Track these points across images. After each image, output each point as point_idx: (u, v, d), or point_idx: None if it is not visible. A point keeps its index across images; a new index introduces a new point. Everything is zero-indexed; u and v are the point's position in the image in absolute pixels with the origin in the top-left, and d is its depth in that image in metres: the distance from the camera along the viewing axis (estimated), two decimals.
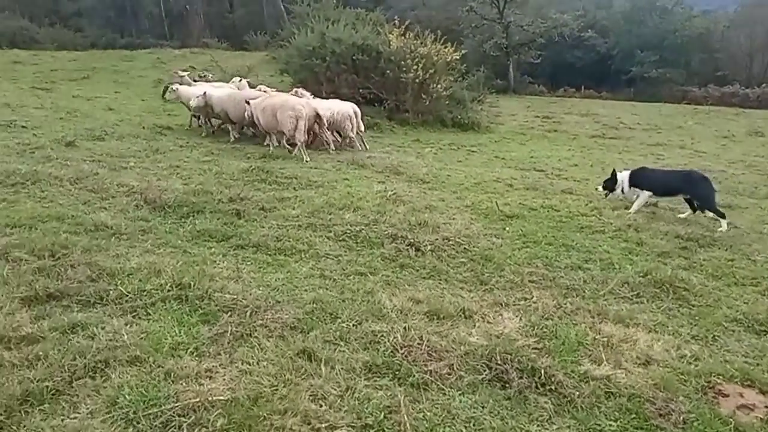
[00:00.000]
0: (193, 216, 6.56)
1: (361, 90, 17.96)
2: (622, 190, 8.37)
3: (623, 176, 8.36)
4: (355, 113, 12.56)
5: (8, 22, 41.44)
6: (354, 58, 17.51)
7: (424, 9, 49.30)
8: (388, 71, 17.48)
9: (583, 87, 41.27)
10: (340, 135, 12.81)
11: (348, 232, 6.34)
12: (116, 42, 46.09)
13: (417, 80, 17.13)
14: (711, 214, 7.91)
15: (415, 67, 17.09)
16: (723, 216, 7.66)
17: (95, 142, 10.25)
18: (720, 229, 7.53)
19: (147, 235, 5.88)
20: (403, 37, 18.09)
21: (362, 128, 12.86)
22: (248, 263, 5.39)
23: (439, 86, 17.65)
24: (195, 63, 25.10)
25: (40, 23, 45.15)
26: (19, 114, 12.60)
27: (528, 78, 42.78)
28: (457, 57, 18.14)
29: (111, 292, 4.37)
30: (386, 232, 6.34)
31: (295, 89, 12.86)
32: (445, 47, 18.28)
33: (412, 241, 6.09)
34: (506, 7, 40.73)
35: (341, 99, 17.84)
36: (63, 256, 4.98)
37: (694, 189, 7.94)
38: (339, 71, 17.72)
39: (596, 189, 8.87)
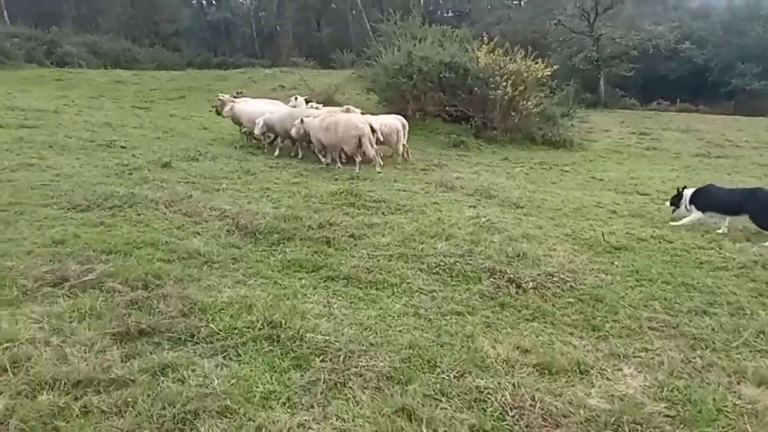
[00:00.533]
0: (284, 243, 6.40)
1: (447, 108, 17.66)
2: (686, 207, 8.44)
3: (687, 193, 8.44)
4: (403, 126, 12.48)
5: (113, 44, 44.15)
6: (441, 75, 17.21)
7: (509, 23, 48.50)
8: (476, 88, 17.08)
9: (678, 100, 39.08)
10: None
11: (442, 264, 5.98)
12: (211, 61, 48.27)
13: (506, 97, 16.61)
14: None
15: (504, 84, 16.59)
16: None
17: (190, 162, 10.44)
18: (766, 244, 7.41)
19: (238, 263, 5.77)
20: (491, 54, 17.66)
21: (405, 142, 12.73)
22: (339, 297, 5.14)
23: (529, 103, 17.04)
24: (284, 82, 25.62)
25: (142, 44, 47.93)
26: (120, 133, 13.13)
27: (620, 91, 40.92)
28: (548, 73, 17.48)
29: (202, 329, 4.23)
30: (483, 265, 5.94)
31: (346, 107, 12.79)
32: (536, 63, 17.69)
33: (511, 276, 5.66)
34: (597, 20, 39.34)
35: (428, 116, 17.77)
36: (156, 287, 4.92)
37: (753, 206, 7.83)
38: (426, 89, 17.49)
39: (664, 203, 9.11)
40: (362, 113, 12.43)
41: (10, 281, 4.87)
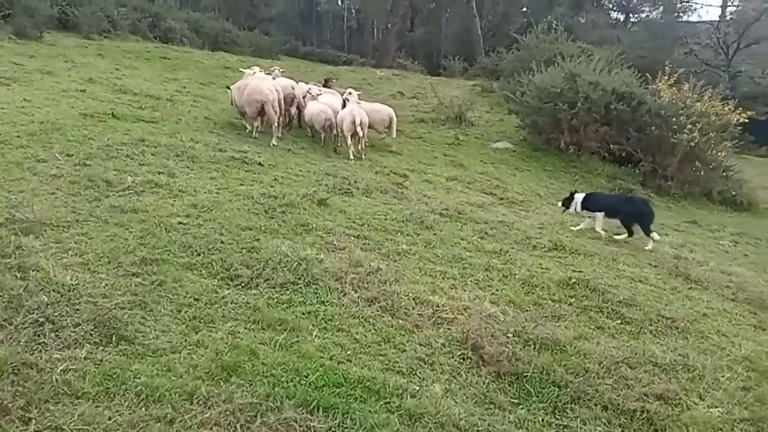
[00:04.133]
0: (573, 411, 3.94)
1: (611, 145, 14.85)
2: (575, 210, 9.29)
3: (579, 197, 9.25)
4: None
5: (213, 23, 42.84)
6: (611, 106, 14.42)
7: (618, 44, 44.20)
8: (653, 127, 14.19)
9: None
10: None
11: None
12: (299, 49, 46.75)
13: (692, 143, 13.68)
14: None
15: (690, 126, 13.67)
16: (648, 233, 8.79)
17: (344, 198, 8.17)
18: (646, 247, 8.68)
19: None
20: (674, 89, 14.74)
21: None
22: None
23: (719, 153, 14.05)
24: (402, 88, 23.16)
25: (240, 26, 46.63)
26: (248, 140, 10.99)
27: (749, 136, 36.53)
28: (746, 119, 14.43)
29: None
30: None
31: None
32: (725, 105, 14.67)
33: None
34: (736, 55, 35.33)
35: (584, 152, 15.06)
36: None
37: (629, 209, 9.09)
38: (589, 120, 14.71)
39: (554, 203, 10.20)
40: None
41: None
